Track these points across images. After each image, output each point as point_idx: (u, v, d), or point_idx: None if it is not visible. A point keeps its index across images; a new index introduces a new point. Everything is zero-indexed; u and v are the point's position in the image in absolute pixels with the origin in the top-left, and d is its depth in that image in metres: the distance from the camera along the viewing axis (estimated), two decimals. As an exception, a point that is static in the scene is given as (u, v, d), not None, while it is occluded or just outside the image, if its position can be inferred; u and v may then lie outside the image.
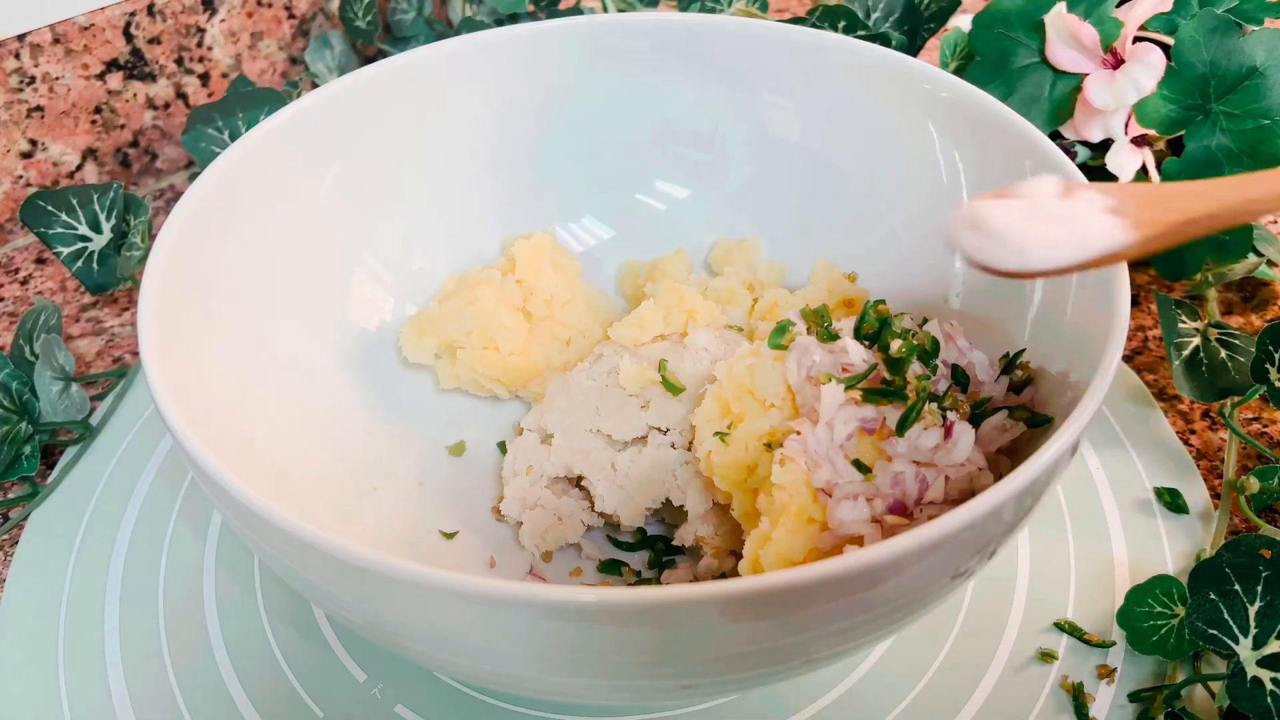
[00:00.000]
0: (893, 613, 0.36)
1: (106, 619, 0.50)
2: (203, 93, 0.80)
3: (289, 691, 0.47)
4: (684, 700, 0.46)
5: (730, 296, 0.56)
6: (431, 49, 0.57)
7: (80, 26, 0.71)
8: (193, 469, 0.38)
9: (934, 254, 0.55)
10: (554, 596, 0.32)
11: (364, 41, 0.84)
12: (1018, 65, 0.63)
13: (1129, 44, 0.59)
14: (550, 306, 0.57)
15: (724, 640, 0.34)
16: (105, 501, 0.56)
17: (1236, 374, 0.55)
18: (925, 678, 0.47)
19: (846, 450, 0.44)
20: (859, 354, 0.46)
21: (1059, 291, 0.47)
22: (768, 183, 0.61)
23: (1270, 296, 0.65)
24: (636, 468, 0.50)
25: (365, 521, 0.49)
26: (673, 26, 0.59)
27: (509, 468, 0.53)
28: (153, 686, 0.48)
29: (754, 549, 0.44)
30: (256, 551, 0.41)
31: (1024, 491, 0.35)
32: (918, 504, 0.43)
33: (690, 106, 0.61)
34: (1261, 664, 0.42)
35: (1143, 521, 0.53)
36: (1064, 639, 0.48)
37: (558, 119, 0.61)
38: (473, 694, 0.47)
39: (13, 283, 0.71)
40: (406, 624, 0.36)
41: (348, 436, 0.52)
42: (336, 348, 0.55)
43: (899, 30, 0.74)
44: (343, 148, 0.55)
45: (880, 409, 0.44)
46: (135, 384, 0.62)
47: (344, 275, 0.56)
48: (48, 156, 0.74)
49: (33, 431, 0.57)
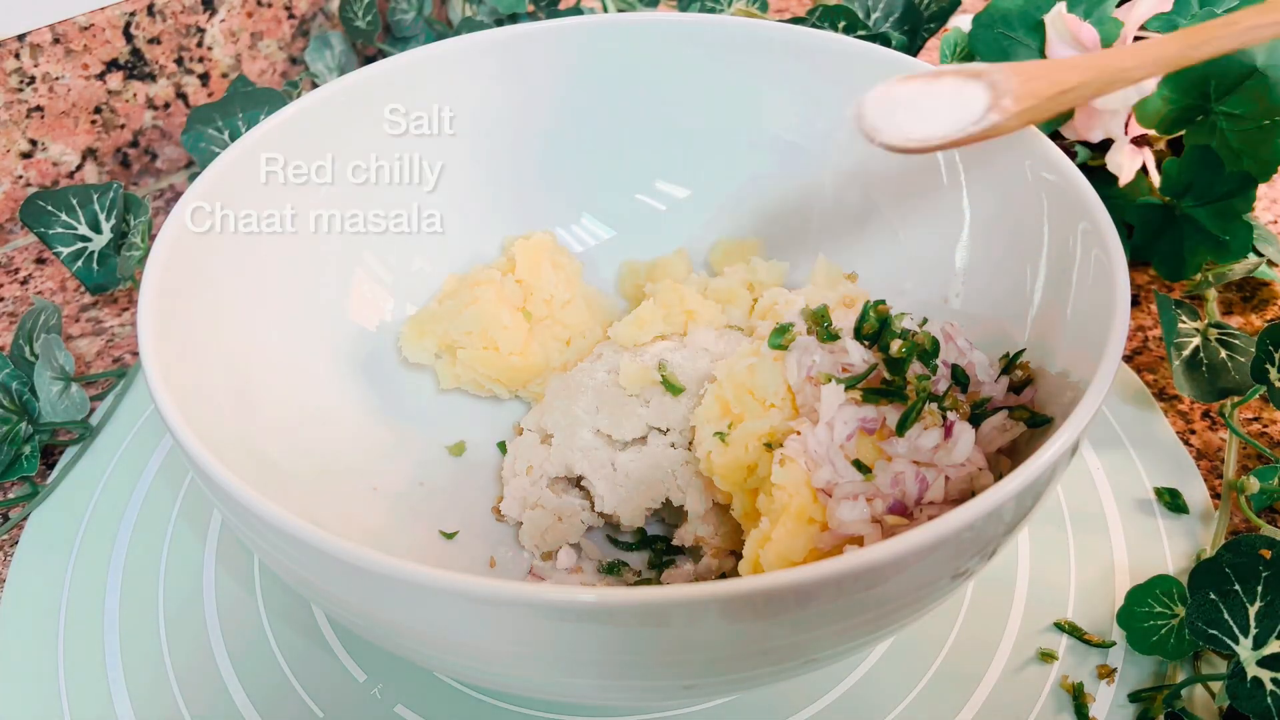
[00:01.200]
0: (893, 613, 0.36)
1: (106, 619, 0.50)
2: (203, 93, 0.80)
3: (289, 691, 0.47)
4: (684, 700, 0.46)
5: (730, 296, 0.56)
6: (431, 49, 0.57)
7: (80, 26, 0.71)
8: (193, 469, 0.38)
9: (934, 254, 0.55)
10: (554, 596, 0.32)
11: (364, 41, 0.84)
12: (1018, 65, 0.63)
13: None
14: (550, 306, 0.57)
15: (724, 640, 0.34)
16: (105, 501, 0.56)
17: (1236, 374, 0.55)
18: (925, 677, 0.47)
19: (846, 450, 0.44)
20: (859, 354, 0.46)
21: (1059, 291, 0.47)
22: (768, 183, 0.61)
23: (1270, 296, 0.65)
24: (636, 468, 0.50)
25: (365, 521, 0.49)
26: (673, 26, 0.59)
27: (509, 468, 0.53)
28: (153, 686, 0.48)
29: (754, 549, 0.44)
30: (256, 551, 0.41)
31: (1024, 491, 0.35)
32: (918, 504, 0.43)
33: (690, 106, 0.61)
34: (1261, 664, 0.42)
35: (1143, 521, 0.53)
36: (1064, 639, 0.48)
37: (558, 119, 0.61)
38: (473, 694, 0.47)
39: (13, 283, 0.71)
40: (406, 624, 0.36)
41: (348, 436, 0.52)
42: (336, 348, 0.55)
43: (899, 30, 0.74)
44: (343, 148, 0.55)
45: (880, 409, 0.44)
46: (135, 384, 0.62)
47: (344, 275, 0.56)
48: (48, 156, 0.74)
49: (33, 431, 0.57)
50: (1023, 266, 0.50)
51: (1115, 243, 0.43)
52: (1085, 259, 0.45)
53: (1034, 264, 0.49)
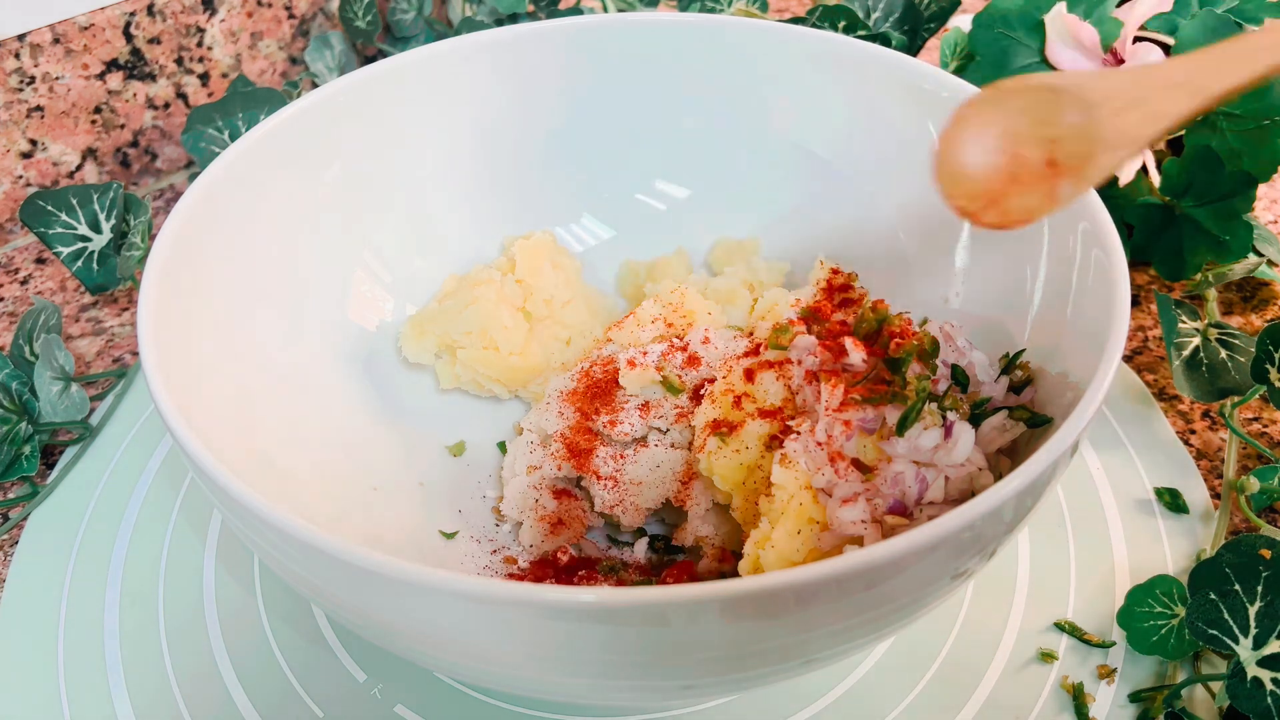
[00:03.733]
0: (893, 613, 0.36)
1: (106, 619, 0.50)
2: (203, 93, 0.80)
3: (289, 691, 0.47)
4: (684, 700, 0.46)
5: (730, 296, 0.56)
6: (431, 49, 0.57)
7: (80, 26, 0.71)
8: (193, 469, 0.38)
9: (934, 254, 0.55)
10: (554, 596, 0.32)
11: (364, 41, 0.84)
12: (1018, 65, 0.63)
13: (1129, 44, 0.59)
14: (550, 306, 0.57)
15: (724, 640, 0.34)
16: (105, 501, 0.56)
17: (1236, 374, 0.55)
18: (925, 678, 0.47)
19: (846, 450, 0.44)
20: (859, 354, 0.46)
21: (1059, 291, 0.47)
22: (768, 183, 0.61)
23: (1270, 296, 0.65)
24: (636, 468, 0.50)
25: (365, 521, 0.49)
26: (673, 26, 0.59)
27: (509, 468, 0.53)
28: (153, 686, 0.48)
29: (754, 549, 0.44)
30: (256, 551, 0.41)
31: (1024, 491, 0.35)
32: (918, 504, 0.43)
33: (690, 106, 0.61)
34: (1261, 664, 0.42)
35: (1143, 521, 0.53)
36: (1064, 639, 0.48)
37: (558, 119, 0.61)
38: (473, 694, 0.47)
39: (13, 283, 0.71)
40: (407, 624, 0.36)
41: (348, 436, 0.52)
42: (336, 348, 0.55)
43: (899, 30, 0.74)
44: (343, 148, 0.55)
45: (880, 409, 0.44)
46: (135, 384, 0.62)
47: (344, 275, 0.56)
48: (48, 156, 0.74)
49: (33, 431, 0.57)
50: (1023, 266, 0.50)
51: (1115, 243, 0.43)
52: (1085, 259, 0.45)
53: (1034, 264, 0.49)
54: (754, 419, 0.47)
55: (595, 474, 0.50)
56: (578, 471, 0.51)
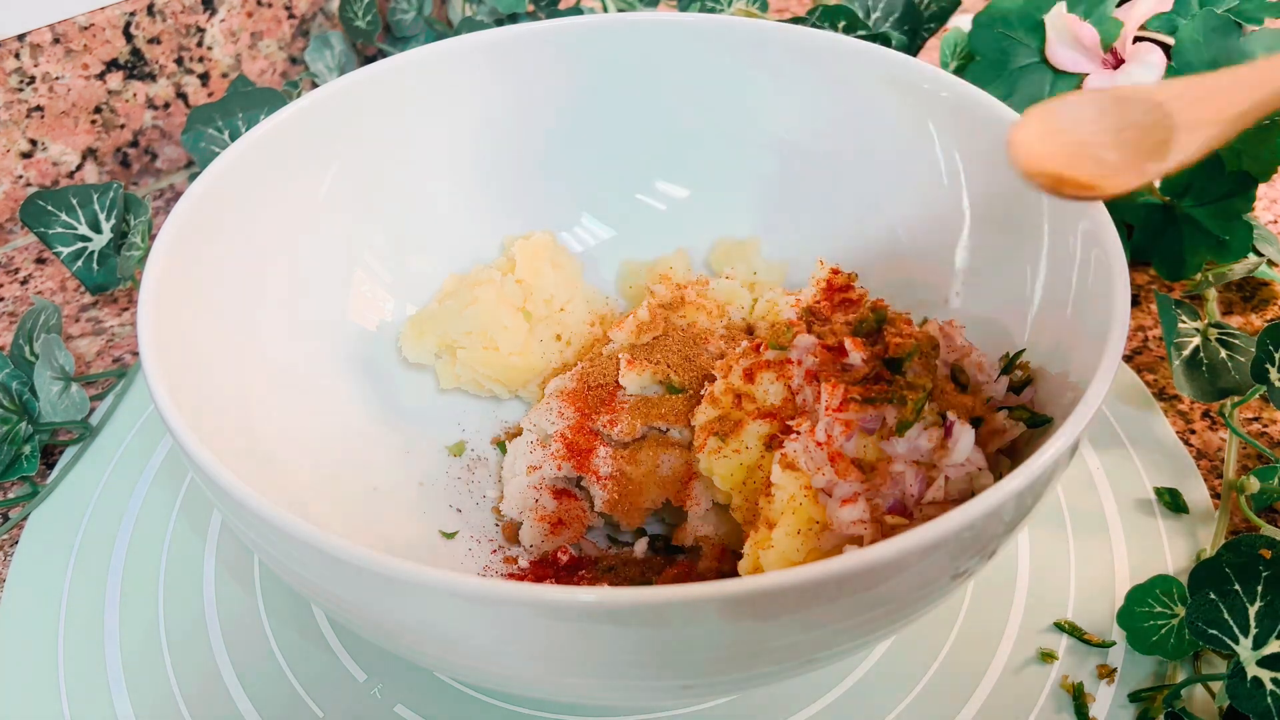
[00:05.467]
0: (893, 613, 0.36)
1: (106, 619, 0.50)
2: (203, 93, 0.80)
3: (289, 691, 0.47)
4: (684, 700, 0.46)
5: (730, 296, 0.56)
6: (431, 49, 0.57)
7: (80, 26, 0.71)
8: (193, 469, 0.38)
9: (934, 254, 0.55)
10: (554, 596, 0.32)
11: (364, 41, 0.84)
12: (1018, 65, 0.63)
13: (1129, 44, 0.59)
14: (550, 306, 0.57)
15: (724, 640, 0.34)
16: (105, 501, 0.56)
17: (1236, 374, 0.55)
18: (925, 677, 0.47)
19: (846, 450, 0.44)
20: (859, 354, 0.46)
21: (1059, 291, 0.47)
22: (768, 183, 0.61)
23: (1270, 296, 0.65)
24: (636, 468, 0.50)
25: (365, 521, 0.49)
26: (673, 26, 0.59)
27: (509, 468, 0.53)
28: (152, 686, 0.48)
29: (754, 549, 0.44)
30: (256, 551, 0.41)
31: (1024, 491, 0.35)
32: (918, 504, 0.43)
33: (690, 106, 0.61)
34: (1261, 664, 0.42)
35: (1143, 521, 0.53)
36: (1064, 639, 0.48)
37: (558, 119, 0.61)
38: (473, 694, 0.47)
39: (13, 283, 0.71)
40: (406, 623, 0.36)
41: (348, 436, 0.52)
42: (336, 348, 0.55)
43: (899, 30, 0.74)
44: (342, 148, 0.55)
45: (880, 409, 0.44)
46: (135, 384, 0.62)
47: (344, 275, 0.56)
48: (48, 156, 0.74)
49: (33, 431, 0.57)
50: (1023, 266, 0.50)
51: (1115, 243, 0.43)
52: (1085, 259, 0.45)
53: (1034, 264, 0.49)
54: (754, 419, 0.47)
55: (595, 474, 0.50)
56: (578, 471, 0.51)
